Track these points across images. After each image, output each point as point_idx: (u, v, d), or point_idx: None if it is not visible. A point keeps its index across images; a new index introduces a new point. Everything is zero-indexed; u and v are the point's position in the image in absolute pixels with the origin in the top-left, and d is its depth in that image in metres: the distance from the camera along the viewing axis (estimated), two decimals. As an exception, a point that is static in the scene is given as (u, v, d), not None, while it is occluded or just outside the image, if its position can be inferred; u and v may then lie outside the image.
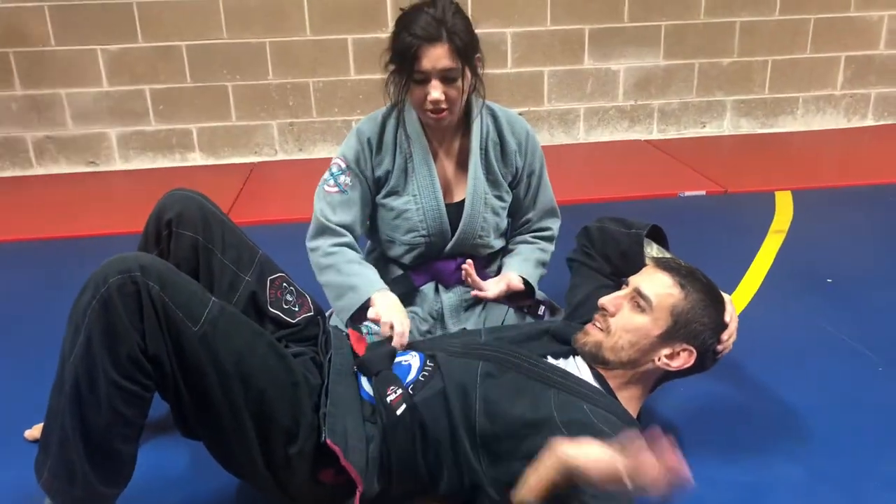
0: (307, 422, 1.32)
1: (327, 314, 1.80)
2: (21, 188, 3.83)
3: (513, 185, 1.93)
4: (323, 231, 1.82)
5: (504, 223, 1.95)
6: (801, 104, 4.45)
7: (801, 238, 2.83)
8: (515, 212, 1.97)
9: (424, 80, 1.68)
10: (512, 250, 1.98)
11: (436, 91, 1.67)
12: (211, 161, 4.14)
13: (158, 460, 1.60)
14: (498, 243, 1.95)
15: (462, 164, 1.87)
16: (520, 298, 1.88)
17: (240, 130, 4.11)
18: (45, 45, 3.84)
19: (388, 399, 1.34)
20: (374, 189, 1.87)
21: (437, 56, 1.64)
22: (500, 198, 1.90)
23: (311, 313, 1.58)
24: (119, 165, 4.09)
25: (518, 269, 1.87)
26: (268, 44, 3.97)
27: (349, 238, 1.83)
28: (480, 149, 1.85)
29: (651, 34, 4.21)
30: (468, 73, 1.73)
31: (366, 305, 1.72)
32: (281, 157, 4.18)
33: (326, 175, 1.84)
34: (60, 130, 4.00)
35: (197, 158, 4.13)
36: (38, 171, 4.05)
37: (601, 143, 4.33)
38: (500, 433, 1.29)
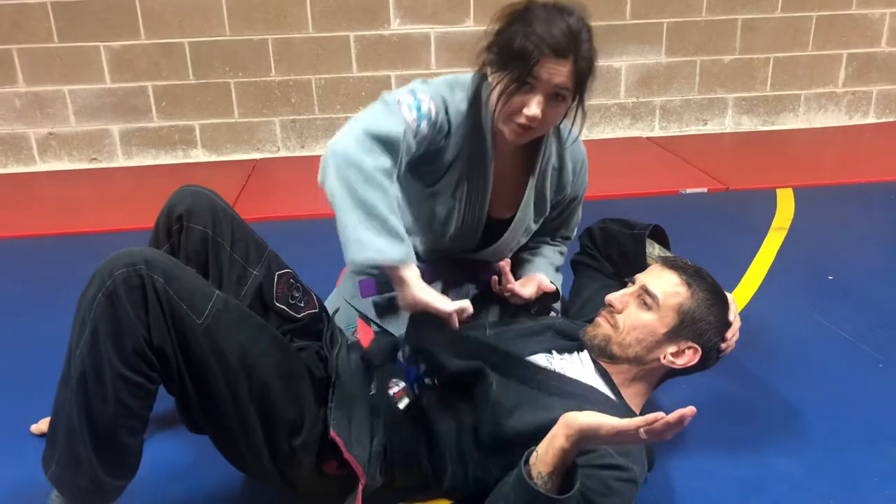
0: (311, 415, 1.34)
1: (332, 312, 1.80)
2: (24, 184, 3.84)
3: (554, 206, 1.84)
4: (373, 147, 1.44)
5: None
6: (802, 101, 4.45)
7: (803, 235, 2.83)
8: (546, 221, 1.87)
9: (531, 89, 1.48)
10: (534, 249, 1.91)
11: (536, 106, 1.47)
12: (213, 158, 4.14)
13: (164, 453, 1.61)
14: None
15: (512, 182, 1.72)
16: (547, 300, 1.81)
17: (242, 127, 4.12)
18: (48, 42, 3.85)
19: (392, 392, 1.35)
20: (422, 161, 1.62)
21: (557, 71, 1.45)
22: (538, 221, 1.82)
23: (316, 310, 1.60)
24: (121, 162, 4.10)
25: (545, 271, 1.82)
26: (270, 40, 3.98)
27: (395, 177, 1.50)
28: (541, 172, 1.71)
29: (653, 31, 4.21)
30: (573, 103, 1.54)
31: (388, 268, 1.46)
32: (283, 153, 4.19)
33: (411, 99, 1.52)
34: (63, 127, 4.01)
35: (199, 155, 4.14)
36: (41, 167, 4.06)
37: (603, 140, 4.34)
38: (507, 436, 1.29)
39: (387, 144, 1.46)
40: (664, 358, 1.41)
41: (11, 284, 2.63)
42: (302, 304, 1.59)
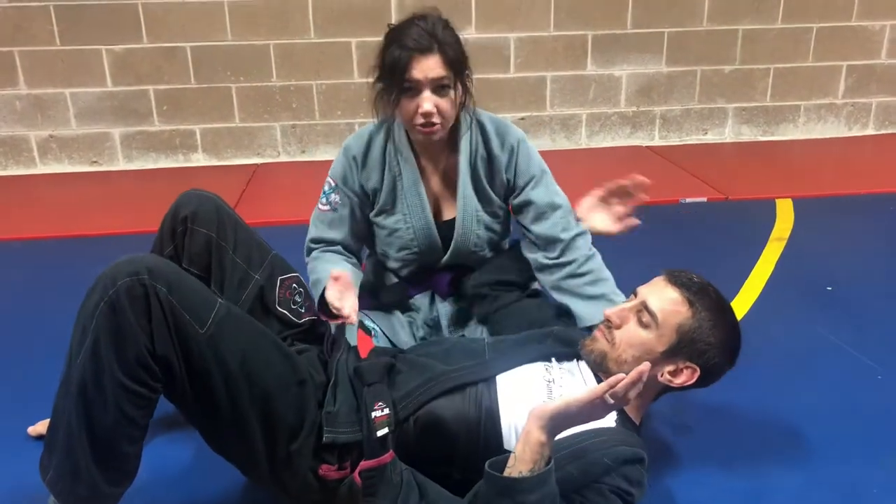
0: (311, 419, 1.34)
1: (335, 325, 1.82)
2: (24, 187, 3.84)
3: (512, 196, 1.84)
4: (309, 247, 1.86)
5: (499, 235, 1.90)
6: (802, 112, 4.46)
7: (802, 246, 2.84)
8: (535, 218, 1.81)
9: (415, 90, 1.63)
10: (558, 286, 1.79)
11: (427, 102, 1.63)
12: (214, 162, 4.15)
13: (163, 458, 1.61)
14: (494, 252, 1.91)
15: (452, 183, 1.83)
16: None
17: (243, 132, 4.12)
18: (49, 45, 3.86)
19: (374, 415, 1.33)
20: (365, 205, 1.84)
21: (428, 66, 1.61)
22: (493, 213, 1.85)
23: (317, 316, 1.60)
24: (122, 165, 4.10)
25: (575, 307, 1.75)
26: (272, 46, 3.98)
27: (337, 247, 1.85)
28: (469, 165, 1.80)
29: (654, 41, 4.22)
30: (459, 87, 1.69)
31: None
32: (283, 158, 4.19)
33: (321, 194, 1.86)
34: (64, 130, 4.01)
35: (200, 159, 4.14)
36: (42, 169, 4.06)
37: (603, 148, 4.35)
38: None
39: (317, 244, 1.84)
40: (661, 376, 1.37)
41: (11, 286, 2.63)
42: (303, 310, 1.60)
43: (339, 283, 1.57)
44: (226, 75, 4.00)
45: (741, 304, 2.33)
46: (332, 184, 1.83)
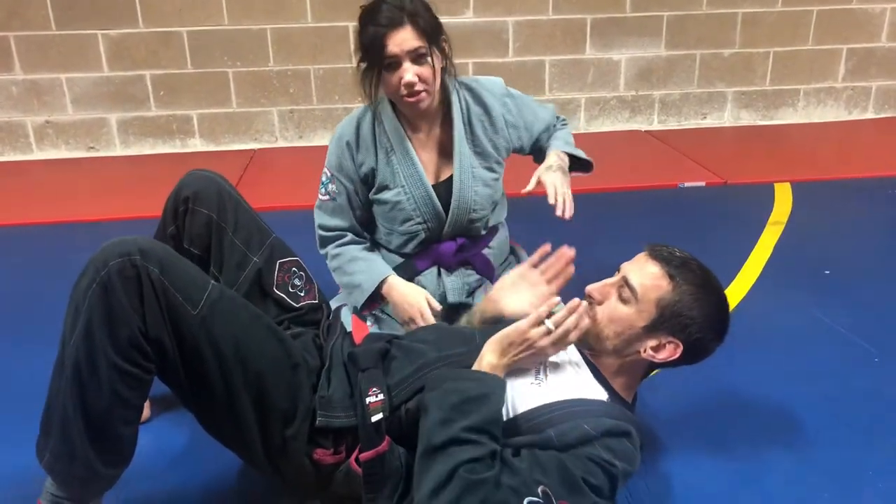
0: (305, 404, 1.34)
1: (334, 308, 1.83)
2: (21, 173, 3.83)
3: (531, 141, 1.96)
4: (324, 240, 1.92)
5: (498, 195, 1.95)
6: (802, 96, 4.44)
7: (800, 229, 2.83)
8: (535, 139, 1.98)
9: (395, 64, 1.69)
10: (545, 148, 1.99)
11: (408, 73, 1.69)
12: (211, 147, 4.13)
13: (159, 441, 1.62)
14: (494, 217, 1.95)
15: (448, 147, 1.88)
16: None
17: (240, 117, 4.11)
18: (45, 29, 3.83)
19: (368, 401, 1.33)
20: (365, 188, 1.89)
21: (402, 39, 1.67)
22: (489, 169, 1.90)
23: (315, 301, 1.60)
24: (119, 151, 4.09)
25: (557, 148, 1.93)
26: (269, 30, 3.96)
27: (349, 235, 1.90)
28: (464, 123, 1.86)
29: (653, 24, 4.20)
30: (437, 54, 1.74)
31: (374, 296, 1.83)
32: (281, 144, 4.18)
33: (320, 185, 1.90)
34: (60, 115, 4.00)
35: (197, 144, 4.13)
36: (38, 155, 4.05)
37: (602, 133, 4.33)
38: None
39: (327, 237, 1.91)
40: (644, 351, 1.36)
41: (7, 272, 2.63)
42: (302, 294, 1.60)
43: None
44: (223, 60, 3.98)
45: (739, 288, 2.33)
46: (329, 174, 1.88)
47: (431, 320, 1.74)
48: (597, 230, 1.84)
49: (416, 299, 1.79)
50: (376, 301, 1.86)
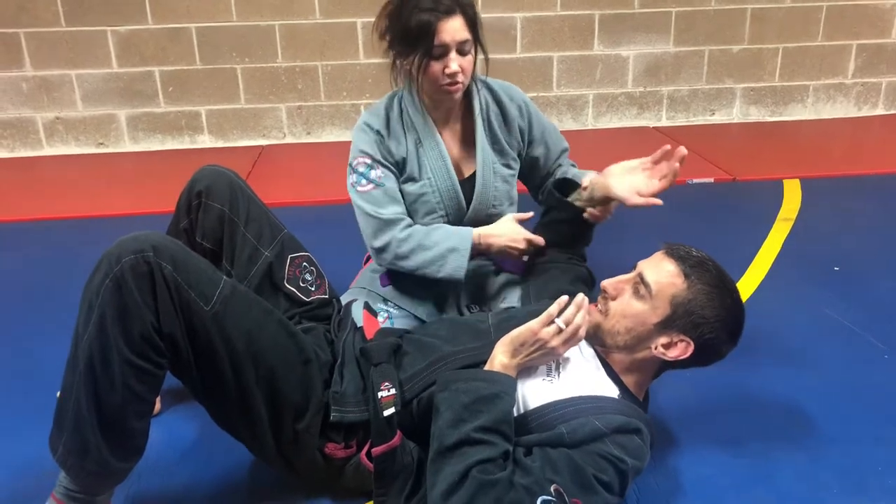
0: (316, 399, 1.35)
1: (345, 302, 1.81)
2: (31, 168, 3.85)
3: (526, 150, 1.95)
4: (383, 227, 1.79)
5: (514, 191, 1.97)
6: (811, 92, 4.42)
7: (809, 226, 2.83)
8: (541, 166, 1.98)
9: (443, 53, 1.68)
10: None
11: (454, 63, 1.68)
12: (220, 143, 4.14)
13: (170, 434, 1.63)
14: (510, 211, 1.95)
15: (467, 141, 1.89)
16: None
17: (248, 113, 4.12)
18: (55, 26, 3.85)
19: (380, 395, 1.34)
20: (397, 175, 1.86)
21: (454, 28, 1.66)
22: (507, 166, 1.92)
23: (326, 296, 1.61)
24: (128, 147, 4.10)
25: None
26: (277, 27, 3.97)
27: (409, 219, 1.83)
28: (483, 120, 1.87)
29: (661, 20, 4.18)
30: (476, 47, 1.75)
31: (474, 252, 1.79)
32: (289, 140, 4.18)
33: (354, 178, 1.81)
34: (70, 111, 4.01)
35: (206, 141, 4.14)
36: (48, 151, 4.06)
37: (610, 129, 4.32)
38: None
39: (386, 223, 1.78)
40: (655, 349, 1.36)
41: (18, 267, 2.64)
42: (313, 289, 1.61)
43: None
44: (231, 56, 3.99)
45: (748, 284, 2.33)
46: (369, 161, 1.81)
47: (540, 241, 1.78)
48: (603, 226, 1.84)
49: (514, 231, 1.78)
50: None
